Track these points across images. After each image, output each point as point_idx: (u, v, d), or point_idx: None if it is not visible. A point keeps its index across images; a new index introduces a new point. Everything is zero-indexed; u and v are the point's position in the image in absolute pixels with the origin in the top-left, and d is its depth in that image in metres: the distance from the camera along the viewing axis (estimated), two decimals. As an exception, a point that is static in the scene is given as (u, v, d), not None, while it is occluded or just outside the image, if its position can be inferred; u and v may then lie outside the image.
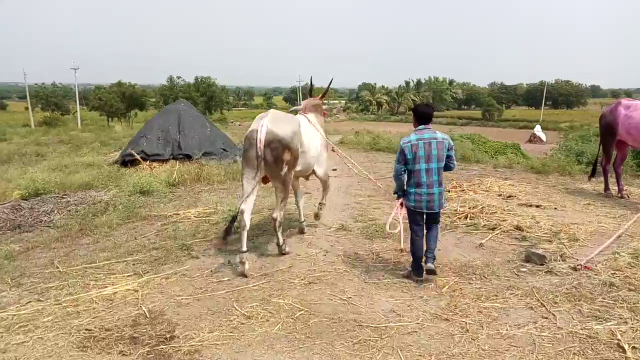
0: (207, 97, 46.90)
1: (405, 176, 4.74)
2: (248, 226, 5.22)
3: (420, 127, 4.67)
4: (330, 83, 6.94)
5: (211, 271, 5.25)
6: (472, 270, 5.06)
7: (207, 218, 7.66)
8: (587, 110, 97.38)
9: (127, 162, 12.67)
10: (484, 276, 4.89)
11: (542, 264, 5.15)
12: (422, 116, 4.70)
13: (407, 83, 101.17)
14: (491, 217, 6.92)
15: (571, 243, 5.83)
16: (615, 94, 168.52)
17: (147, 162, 12.54)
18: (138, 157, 12.54)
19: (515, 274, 4.97)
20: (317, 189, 8.42)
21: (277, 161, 5.09)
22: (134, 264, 5.54)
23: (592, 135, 21.21)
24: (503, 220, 6.71)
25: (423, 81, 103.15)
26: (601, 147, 8.94)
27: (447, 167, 4.77)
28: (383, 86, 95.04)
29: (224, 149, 13.89)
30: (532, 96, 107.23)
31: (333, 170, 12.58)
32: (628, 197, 8.47)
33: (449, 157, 4.68)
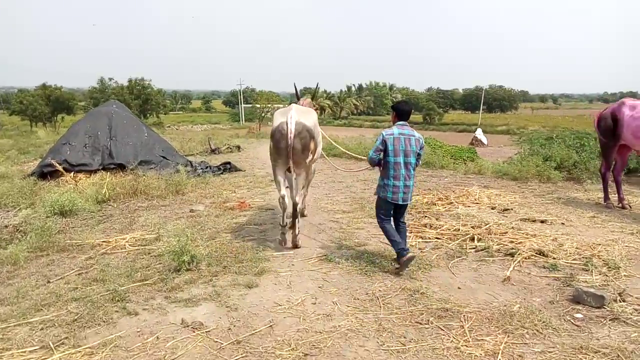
0: (141, 100, 43.81)
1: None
2: (290, 208, 5.83)
3: (400, 122, 4.85)
4: (317, 86, 7.18)
5: (157, 337, 3.65)
6: (517, 321, 3.77)
7: (146, 247, 5.99)
8: (519, 114, 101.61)
9: (46, 174, 10.61)
10: (537, 331, 3.61)
11: (600, 307, 3.96)
12: (402, 113, 4.91)
13: (349, 88, 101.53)
14: (502, 239, 5.73)
15: (614, 273, 4.72)
16: (543, 98, 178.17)
17: (71, 174, 10.56)
18: (60, 167, 10.52)
19: (574, 325, 3.74)
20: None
21: (305, 150, 5.53)
22: (42, 329, 3.82)
23: (544, 139, 21.10)
24: (519, 243, 5.53)
25: (364, 86, 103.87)
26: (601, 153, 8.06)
27: (417, 163, 4.99)
28: (325, 91, 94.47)
29: (163, 157, 12.09)
30: (468, 101, 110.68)
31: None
32: (630, 207, 7.60)
33: (418, 155, 4.91)
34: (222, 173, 12.64)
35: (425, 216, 7.07)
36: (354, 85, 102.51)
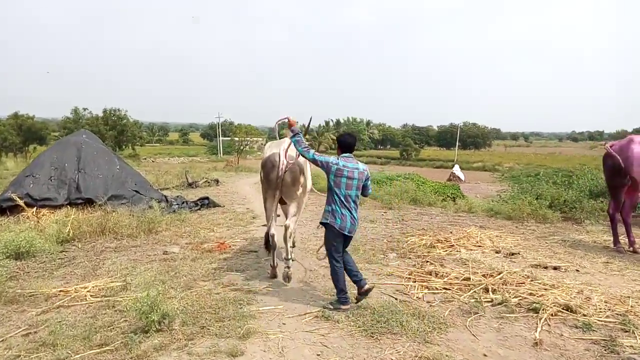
0: (117, 131, 42.58)
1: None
2: (280, 242, 5.80)
3: (345, 155, 4.83)
4: (310, 120, 6.62)
5: None
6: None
7: (111, 299, 5.13)
8: (493, 151, 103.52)
9: (5, 209, 9.63)
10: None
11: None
12: (346, 145, 4.88)
13: (327, 122, 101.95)
14: (519, 290, 5.07)
15: (656, 333, 4.08)
16: (515, 136, 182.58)
17: (34, 210, 9.61)
18: (21, 202, 9.57)
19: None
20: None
21: (295, 183, 5.57)
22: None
23: (527, 176, 20.90)
24: (540, 296, 4.88)
25: (342, 121, 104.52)
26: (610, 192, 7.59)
27: (364, 194, 4.98)
28: (304, 125, 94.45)
29: (136, 191, 11.22)
30: (443, 137, 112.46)
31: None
32: (642, 251, 7.09)
33: (365, 186, 4.90)
34: (199, 209, 11.83)
35: (427, 261, 6.39)
36: (332, 120, 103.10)
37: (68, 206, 9.99)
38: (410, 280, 5.56)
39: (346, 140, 4.91)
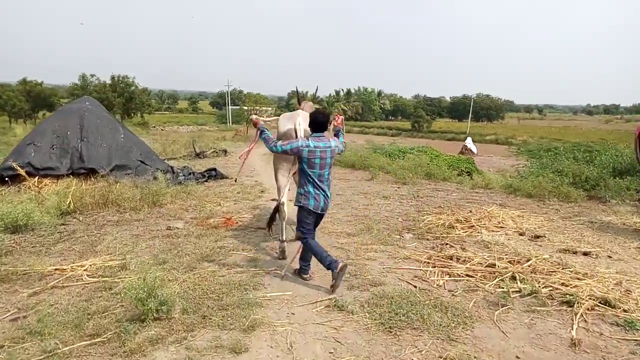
0: (125, 98, 42.09)
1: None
2: (287, 216, 5.73)
3: (317, 134, 4.76)
4: (317, 90, 7.42)
5: None
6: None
7: (108, 279, 4.79)
8: (506, 124, 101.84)
9: (5, 178, 9.30)
10: None
11: None
12: (317, 124, 4.77)
13: (337, 92, 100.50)
14: (550, 279, 4.64)
15: None
16: (528, 109, 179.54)
17: (36, 179, 9.28)
18: (22, 171, 9.22)
19: None
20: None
21: None
22: None
23: (546, 150, 20.25)
24: (574, 287, 4.45)
25: (353, 91, 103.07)
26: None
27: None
28: (314, 94, 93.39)
29: (142, 161, 10.84)
30: (455, 109, 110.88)
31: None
32: (676, 235, 6.61)
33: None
34: (206, 180, 11.46)
35: (447, 244, 5.97)
36: (342, 89, 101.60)
37: (71, 176, 9.65)
38: (429, 265, 5.16)
39: (318, 119, 4.80)
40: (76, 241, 6.31)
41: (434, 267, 5.06)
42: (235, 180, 9.70)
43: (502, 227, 6.69)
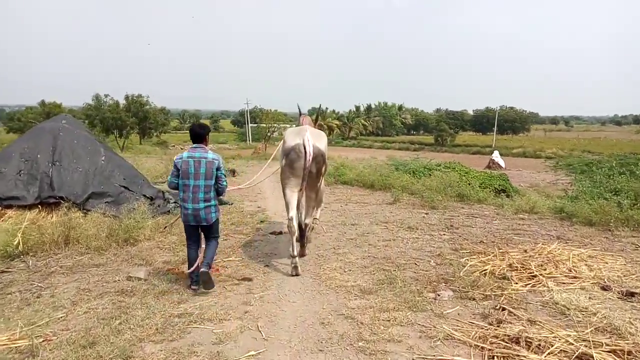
0: (139, 118, 41.28)
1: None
2: (297, 233, 5.70)
3: (194, 145, 4.88)
4: (319, 108, 8.12)
5: None
6: None
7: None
8: (532, 136, 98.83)
9: (-39, 210, 7.88)
10: None
11: None
12: (194, 135, 4.93)
13: (357, 108, 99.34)
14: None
15: None
16: (554, 121, 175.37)
17: (-3, 210, 7.85)
18: (-21, 202, 7.81)
19: None
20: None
21: (319, 173, 5.68)
22: None
23: (585, 164, 18.26)
24: None
25: (373, 106, 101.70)
26: None
27: (218, 190, 4.94)
28: (334, 111, 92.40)
29: (125, 187, 9.32)
30: (479, 122, 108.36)
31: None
32: None
33: (218, 177, 4.86)
34: None
35: (504, 308, 4.17)
36: (362, 105, 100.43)
37: (39, 206, 8.18)
38: (484, 354, 3.39)
39: (194, 130, 4.97)
40: (4, 299, 4.74)
41: (492, 358, 3.28)
42: (165, 228, 7.65)
43: (575, 277, 4.87)
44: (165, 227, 7.61)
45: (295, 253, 5.44)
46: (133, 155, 28.39)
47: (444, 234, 7.27)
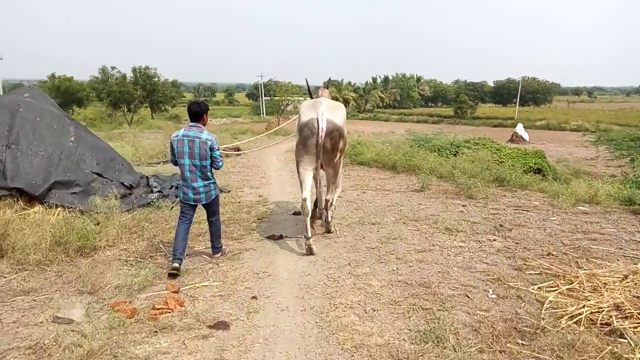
0: (147, 91, 39.61)
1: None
2: (311, 212, 5.33)
3: (191, 124, 4.78)
4: (329, 80, 8.80)
5: None
6: None
7: None
8: (555, 108, 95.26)
9: None
10: None
11: None
12: (191, 114, 4.80)
13: (374, 80, 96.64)
14: None
15: None
16: (578, 91, 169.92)
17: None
18: None
19: None
20: None
21: (334, 149, 5.32)
22: None
23: (631, 139, 16.24)
24: None
25: (390, 78, 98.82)
26: None
27: (214, 167, 4.88)
28: (350, 82, 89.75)
29: (98, 174, 7.76)
30: (499, 93, 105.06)
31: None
32: None
33: (213, 157, 4.78)
34: None
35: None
36: (379, 76, 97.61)
37: (-11, 199, 6.66)
38: None
39: (191, 108, 4.82)
40: None
41: None
42: (171, 208, 6.34)
43: None
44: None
45: (310, 234, 5.17)
46: (139, 130, 26.91)
47: (494, 240, 5.53)
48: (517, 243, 5.38)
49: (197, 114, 4.77)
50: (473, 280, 4.28)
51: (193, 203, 4.81)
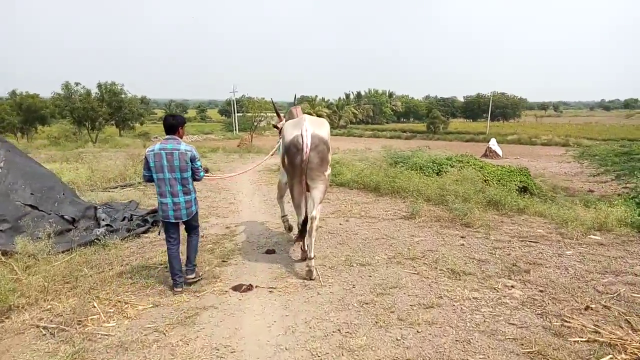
0: (113, 107, 37.84)
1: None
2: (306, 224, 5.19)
3: (167, 137, 4.62)
4: (295, 97, 6.63)
5: None
6: None
7: None
8: (523, 122, 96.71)
9: None
10: None
11: None
12: (166, 126, 4.65)
13: (347, 96, 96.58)
14: None
15: None
16: (544, 106, 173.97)
17: None
18: None
19: None
20: None
21: (323, 163, 5.13)
22: None
23: (615, 155, 15.71)
24: None
25: (363, 93, 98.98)
26: None
27: (195, 178, 4.70)
28: (323, 99, 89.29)
29: (32, 206, 6.52)
30: (470, 108, 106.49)
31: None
32: None
33: (195, 169, 4.63)
34: (149, 229, 7.18)
35: None
36: (352, 92, 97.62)
37: None
38: None
39: (167, 121, 4.66)
40: None
41: None
42: (159, 233, 5.45)
43: None
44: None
45: (312, 255, 4.98)
46: (102, 149, 25.33)
47: (513, 287, 4.52)
48: (541, 291, 4.38)
49: (173, 126, 4.61)
50: (505, 355, 3.23)
51: (174, 220, 4.59)
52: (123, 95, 39.52)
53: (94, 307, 4.21)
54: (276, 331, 3.70)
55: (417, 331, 3.60)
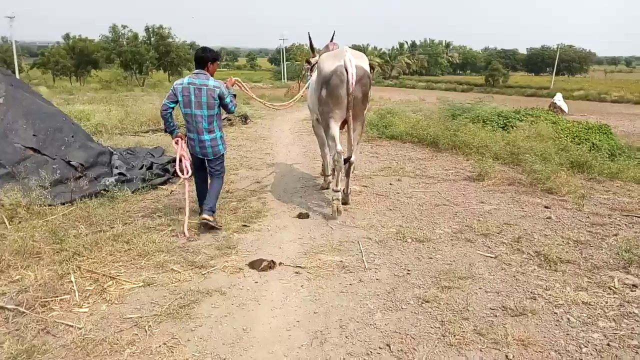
0: (160, 52, 37.14)
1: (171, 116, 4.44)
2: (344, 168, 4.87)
3: (196, 71, 4.39)
4: (333, 34, 6.18)
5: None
6: None
7: None
8: (591, 78, 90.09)
9: None
10: None
11: None
12: (196, 60, 4.43)
13: (401, 45, 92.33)
14: None
15: None
16: (615, 61, 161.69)
17: None
18: None
19: None
20: None
21: (365, 98, 4.97)
22: None
23: None
24: None
25: (418, 43, 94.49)
26: None
27: (228, 111, 4.58)
28: (375, 47, 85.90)
29: (34, 149, 5.67)
30: (533, 62, 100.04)
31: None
32: None
33: (225, 105, 4.39)
34: (166, 181, 6.24)
35: None
36: (406, 42, 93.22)
37: None
38: None
39: (197, 54, 4.42)
40: None
41: None
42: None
43: None
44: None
45: (339, 187, 4.75)
46: (145, 94, 24.79)
47: (636, 286, 3.22)
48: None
49: (202, 59, 4.34)
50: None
51: (200, 157, 4.48)
52: (170, 40, 38.71)
53: (70, 281, 3.27)
54: (298, 338, 2.61)
55: (507, 357, 2.41)
